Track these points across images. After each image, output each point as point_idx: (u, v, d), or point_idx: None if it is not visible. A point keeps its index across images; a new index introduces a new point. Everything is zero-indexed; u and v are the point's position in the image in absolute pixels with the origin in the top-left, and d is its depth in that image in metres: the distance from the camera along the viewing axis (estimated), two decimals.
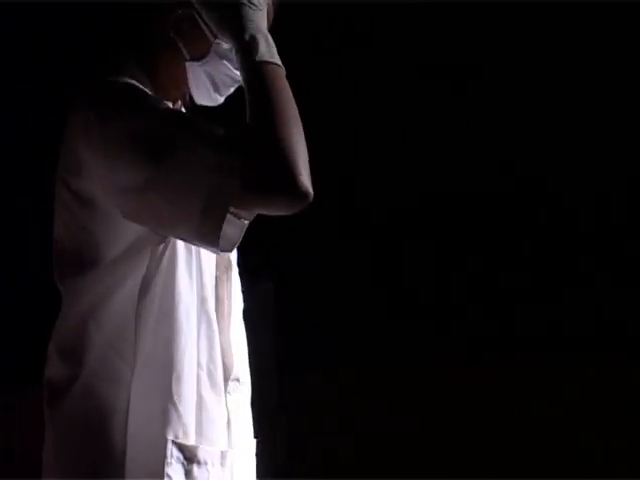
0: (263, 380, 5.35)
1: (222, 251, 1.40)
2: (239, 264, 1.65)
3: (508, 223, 5.56)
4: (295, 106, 1.43)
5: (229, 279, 1.58)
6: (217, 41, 1.50)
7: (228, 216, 1.36)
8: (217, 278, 1.56)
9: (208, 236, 1.37)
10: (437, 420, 5.53)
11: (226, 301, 1.57)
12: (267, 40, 1.44)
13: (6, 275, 4.67)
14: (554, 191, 5.61)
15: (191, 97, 1.57)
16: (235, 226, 1.39)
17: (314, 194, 1.41)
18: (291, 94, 1.44)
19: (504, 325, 5.53)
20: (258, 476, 1.69)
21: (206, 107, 1.58)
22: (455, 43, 5.55)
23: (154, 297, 1.47)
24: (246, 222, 1.41)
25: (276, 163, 1.34)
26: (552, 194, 5.61)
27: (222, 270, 1.57)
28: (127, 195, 1.41)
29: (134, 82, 1.49)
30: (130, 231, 1.45)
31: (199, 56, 1.51)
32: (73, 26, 4.67)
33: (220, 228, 1.35)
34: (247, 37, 1.42)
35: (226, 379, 1.54)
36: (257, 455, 1.65)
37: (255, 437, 1.64)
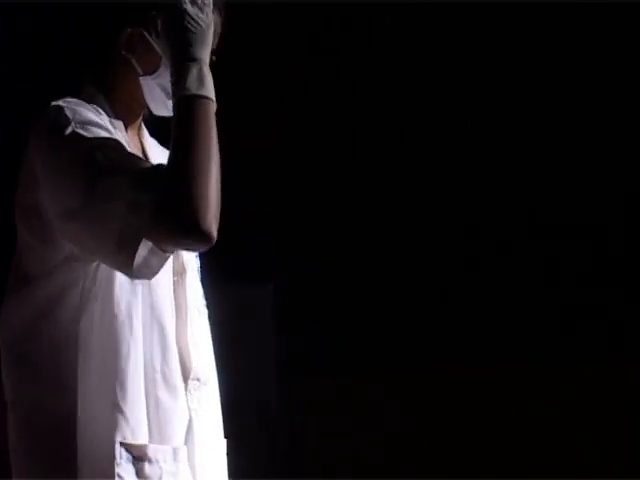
0: (262, 381, 5.37)
1: (140, 278, 1.50)
2: (229, 269, 1.71)
3: (505, 222, 5.58)
4: (213, 142, 1.49)
5: (183, 283, 1.64)
6: None
7: (152, 246, 1.47)
8: (175, 283, 1.63)
9: (122, 266, 1.48)
10: (435, 420, 5.54)
11: (183, 304, 1.64)
12: (200, 67, 1.50)
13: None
14: (553, 190, 5.63)
15: (148, 111, 1.66)
16: (158, 257, 1.49)
17: (313, 199, 1.47)
18: (212, 128, 1.49)
19: (501, 325, 5.55)
20: (256, 476, 1.73)
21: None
22: (453, 44, 5.56)
23: (94, 308, 1.55)
24: (167, 254, 1.50)
25: (181, 208, 1.44)
26: (551, 193, 5.63)
27: (178, 275, 1.64)
28: (58, 219, 1.52)
29: (84, 108, 1.57)
30: (66, 247, 1.54)
31: (151, 70, 1.60)
32: (72, 26, 4.71)
33: (132, 259, 1.45)
34: (180, 63, 1.50)
35: (185, 379, 1.62)
36: (228, 454, 1.72)
37: (225, 437, 1.71)
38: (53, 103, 1.57)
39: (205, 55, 1.52)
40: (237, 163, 1.59)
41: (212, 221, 1.45)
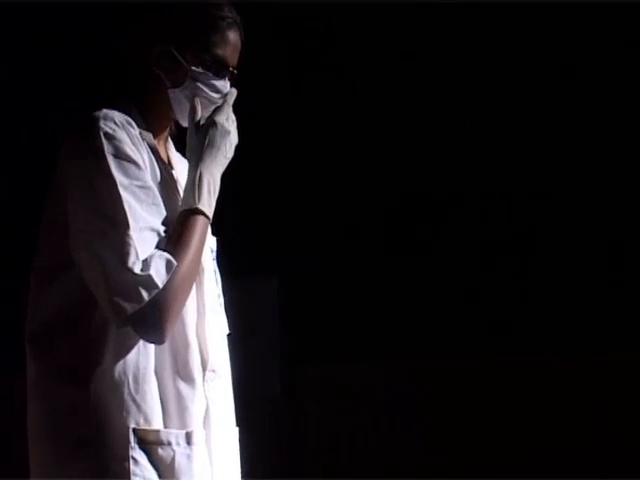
0: (266, 370, 5.30)
1: (117, 326, 1.63)
2: (233, 265, 1.82)
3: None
4: (200, 253, 1.67)
5: (202, 284, 1.75)
6: (192, 68, 1.70)
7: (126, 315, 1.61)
8: (196, 284, 1.73)
9: (107, 311, 1.61)
10: (434, 409, 5.58)
11: (201, 303, 1.74)
12: (211, 184, 1.68)
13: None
14: (545, 189, 5.65)
15: (176, 122, 1.76)
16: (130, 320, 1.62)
17: (311, 201, 1.56)
18: (202, 243, 1.68)
19: (505, 317, 5.59)
20: (260, 458, 1.82)
21: None
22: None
23: None
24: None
25: (155, 323, 1.61)
26: (544, 191, 5.66)
27: (198, 276, 1.74)
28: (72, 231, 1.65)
29: (123, 130, 1.66)
30: None
31: (179, 83, 1.70)
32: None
33: (117, 314, 1.60)
34: (198, 173, 1.68)
35: (203, 370, 1.72)
36: (240, 441, 1.81)
37: (237, 425, 1.81)
38: (91, 120, 1.66)
39: (220, 173, 1.70)
40: (242, 164, 1.68)
41: (170, 330, 1.63)
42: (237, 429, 1.81)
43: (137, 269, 1.58)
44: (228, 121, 1.71)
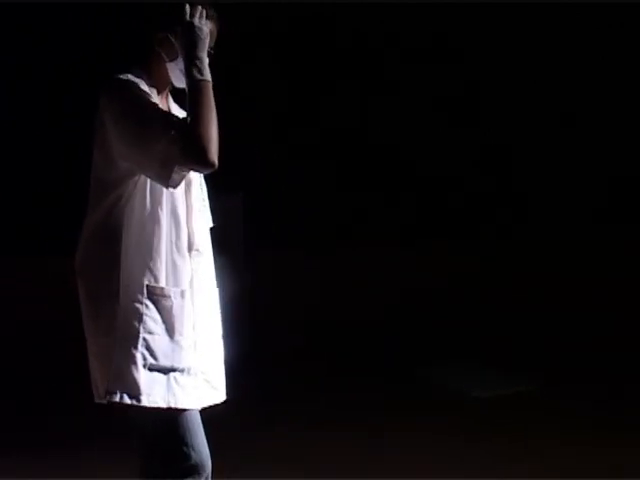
0: (235, 255, 6.00)
1: (170, 187, 2.01)
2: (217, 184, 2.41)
3: None
4: (213, 106, 2.01)
5: (190, 190, 2.17)
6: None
7: (176, 169, 1.99)
8: (186, 190, 2.15)
9: (162, 179, 2.01)
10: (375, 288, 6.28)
11: (189, 202, 2.14)
12: (202, 62, 2.04)
13: None
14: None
15: (172, 84, 2.19)
16: (180, 174, 2.03)
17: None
18: (211, 98, 2.02)
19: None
20: (233, 310, 2.49)
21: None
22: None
23: (134, 204, 2.06)
24: (184, 173, 2.04)
25: (197, 148, 1.96)
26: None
27: (187, 185, 2.17)
28: (122, 146, 2.02)
29: (136, 80, 2.07)
30: (122, 168, 2.07)
31: (173, 58, 2.13)
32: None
33: (170, 176, 1.99)
34: (190, 60, 2.04)
35: (190, 249, 2.12)
36: (220, 298, 2.20)
37: (217, 287, 2.21)
38: (117, 77, 2.08)
39: (205, 53, 2.05)
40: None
41: (214, 154, 1.96)
42: (218, 289, 2.24)
43: (171, 130, 1.97)
44: (193, 20, 2.09)
